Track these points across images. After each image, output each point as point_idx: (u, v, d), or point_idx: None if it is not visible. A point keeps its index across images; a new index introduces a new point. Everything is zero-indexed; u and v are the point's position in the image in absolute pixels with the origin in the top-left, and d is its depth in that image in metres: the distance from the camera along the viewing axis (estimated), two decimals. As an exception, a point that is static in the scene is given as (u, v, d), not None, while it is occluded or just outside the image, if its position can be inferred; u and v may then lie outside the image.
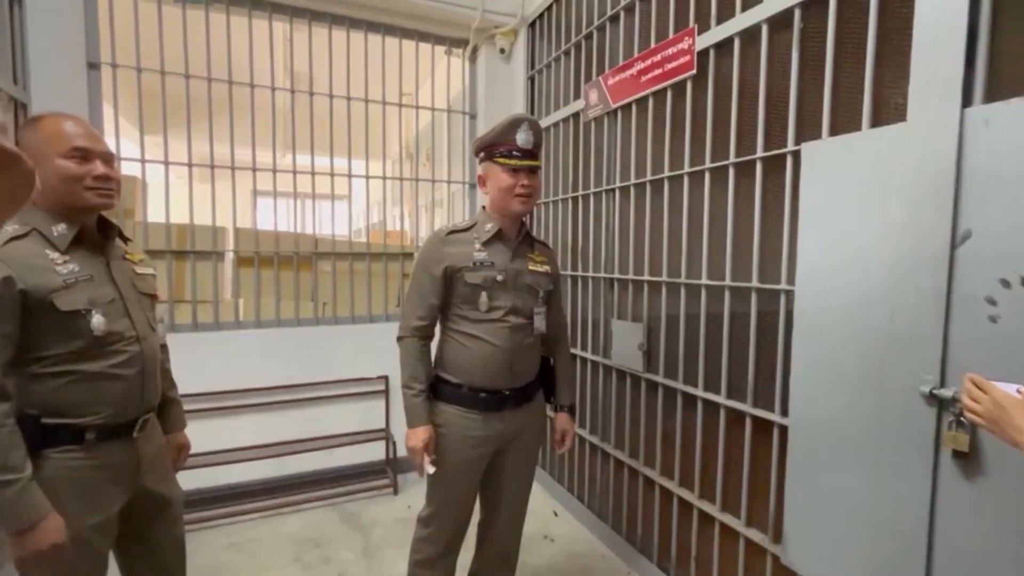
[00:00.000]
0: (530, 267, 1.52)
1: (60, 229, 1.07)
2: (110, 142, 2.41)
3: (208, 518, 2.41)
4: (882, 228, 1.20)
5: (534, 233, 1.78)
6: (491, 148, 1.47)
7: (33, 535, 0.98)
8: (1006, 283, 1.00)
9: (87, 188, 1.07)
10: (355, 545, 2.29)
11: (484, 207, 1.55)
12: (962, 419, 1.05)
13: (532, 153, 1.46)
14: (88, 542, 1.09)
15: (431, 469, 1.46)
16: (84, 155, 1.07)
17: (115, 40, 2.40)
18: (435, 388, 1.51)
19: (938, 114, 1.09)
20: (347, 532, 2.40)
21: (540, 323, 1.53)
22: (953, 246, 1.08)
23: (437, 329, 1.53)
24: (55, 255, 1.05)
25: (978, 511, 1.06)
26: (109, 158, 1.12)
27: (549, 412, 1.71)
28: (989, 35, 1.05)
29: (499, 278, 1.45)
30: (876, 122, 1.25)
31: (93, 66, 2.38)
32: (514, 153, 1.43)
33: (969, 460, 1.06)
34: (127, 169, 2.52)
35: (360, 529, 2.42)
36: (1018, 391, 0.81)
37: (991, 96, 1.05)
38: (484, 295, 1.44)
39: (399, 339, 1.50)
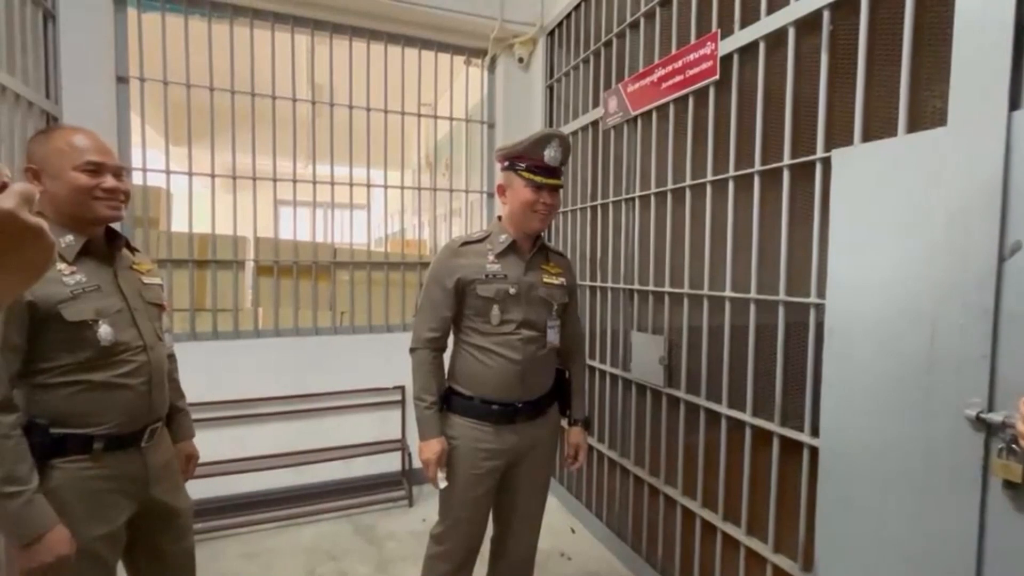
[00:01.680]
0: (544, 279, 1.50)
1: (68, 240, 1.08)
2: (137, 153, 2.50)
3: (223, 527, 2.41)
4: (921, 240, 1.12)
5: (552, 243, 1.76)
6: (516, 159, 1.44)
7: (39, 547, 0.97)
8: (1062, 299, 0.92)
9: (96, 199, 1.08)
10: (369, 558, 2.26)
11: (500, 217, 1.53)
12: (1014, 446, 0.97)
13: (557, 171, 1.44)
14: (96, 553, 1.09)
15: (443, 483, 1.45)
16: (96, 168, 1.08)
17: (143, 54, 2.47)
18: (447, 400, 1.49)
19: (982, 118, 1.02)
20: (361, 545, 2.37)
21: (554, 336, 1.50)
22: (1001, 259, 1.00)
23: (450, 340, 1.51)
24: (62, 266, 1.06)
25: (1033, 548, 0.97)
26: (119, 172, 1.13)
27: (563, 425, 1.66)
28: (1039, 33, 0.98)
29: (512, 291, 1.43)
30: (913, 127, 1.18)
31: (122, 80, 2.44)
32: (539, 169, 1.41)
33: (1022, 491, 0.97)
34: (153, 180, 2.57)
35: (374, 542, 2.39)
36: None
37: (1042, 98, 0.98)
38: (496, 308, 1.42)
39: (411, 351, 1.49)
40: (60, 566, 0.99)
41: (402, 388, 2.85)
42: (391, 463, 2.86)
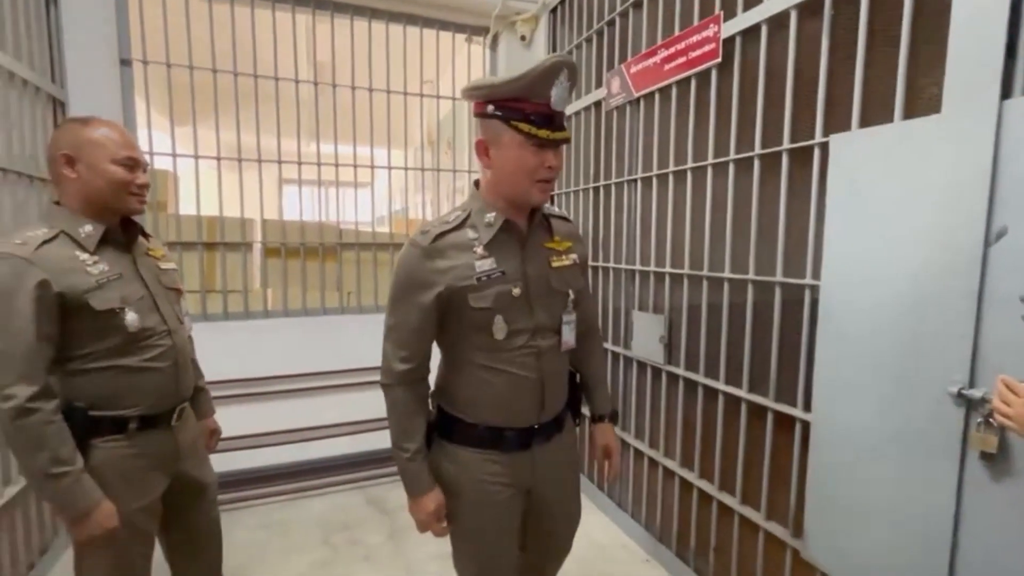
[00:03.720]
0: (554, 263, 1.14)
1: (87, 230, 1.12)
2: (143, 136, 2.51)
3: (240, 499, 2.52)
4: (913, 224, 1.17)
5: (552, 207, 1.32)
6: (508, 104, 1.01)
7: (88, 522, 1.05)
8: (1042, 283, 0.97)
9: (131, 194, 1.13)
10: (381, 528, 2.37)
11: (476, 184, 1.14)
12: (991, 420, 1.03)
13: (561, 120, 1.04)
14: (137, 524, 1.17)
15: (443, 533, 1.16)
16: (133, 164, 1.14)
17: (145, 37, 2.46)
18: (440, 425, 1.16)
19: (975, 105, 1.05)
20: (373, 515, 2.48)
21: (569, 335, 1.17)
22: (987, 244, 1.05)
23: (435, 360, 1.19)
24: (84, 256, 1.10)
25: (1005, 513, 1.04)
26: (146, 167, 1.18)
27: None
28: (1033, 22, 1.01)
29: (516, 292, 1.07)
30: (909, 114, 1.20)
31: (125, 63, 2.44)
32: (542, 119, 1.00)
33: (997, 462, 1.04)
34: (159, 163, 2.60)
35: (386, 513, 2.50)
36: None
37: (1033, 87, 1.01)
38: (499, 319, 1.06)
39: (382, 386, 1.15)
40: (109, 537, 1.07)
41: (409, 366, 2.93)
42: (399, 438, 2.96)
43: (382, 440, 2.88)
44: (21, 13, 1.97)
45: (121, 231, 1.20)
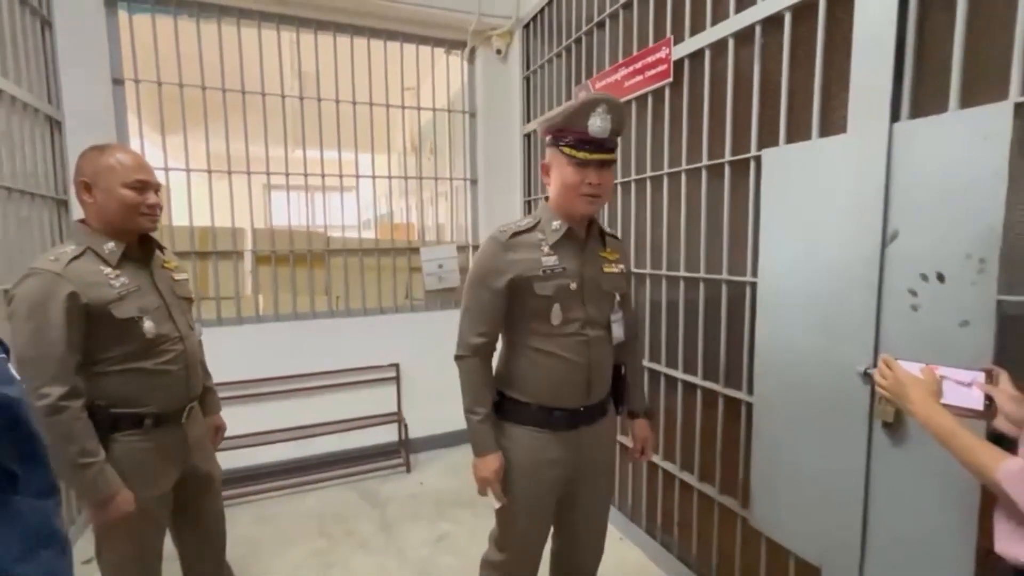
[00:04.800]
0: (605, 269, 1.33)
1: (110, 247, 1.25)
2: (135, 149, 2.62)
3: (236, 496, 2.65)
4: (828, 228, 1.35)
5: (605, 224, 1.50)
6: (558, 133, 1.23)
7: (109, 507, 1.19)
8: (925, 277, 1.16)
9: (141, 215, 1.26)
10: (373, 519, 2.52)
11: (547, 199, 1.34)
12: (889, 394, 1.22)
13: (607, 143, 1.21)
14: (150, 511, 1.30)
15: (502, 501, 1.31)
16: (143, 186, 1.26)
17: (136, 56, 2.58)
18: (499, 406, 1.34)
19: (871, 127, 1.24)
20: (365, 507, 2.62)
21: (619, 331, 1.35)
22: (884, 245, 1.23)
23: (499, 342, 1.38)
24: (108, 270, 1.23)
25: (902, 470, 1.23)
26: (158, 188, 1.31)
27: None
28: (915, 55, 1.19)
29: (573, 286, 1.26)
30: (824, 132, 1.39)
31: (117, 82, 2.56)
32: (583, 144, 1.20)
33: (895, 429, 1.23)
34: (152, 177, 2.71)
35: (377, 505, 2.65)
36: (920, 370, 0.97)
37: (916, 111, 1.19)
38: (557, 307, 1.25)
39: (457, 358, 1.32)
40: (126, 522, 1.21)
41: (396, 365, 3.08)
42: (389, 434, 3.11)
43: (371, 437, 3.06)
44: (20, 39, 2.09)
45: (139, 247, 1.33)
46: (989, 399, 0.90)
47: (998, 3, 1.06)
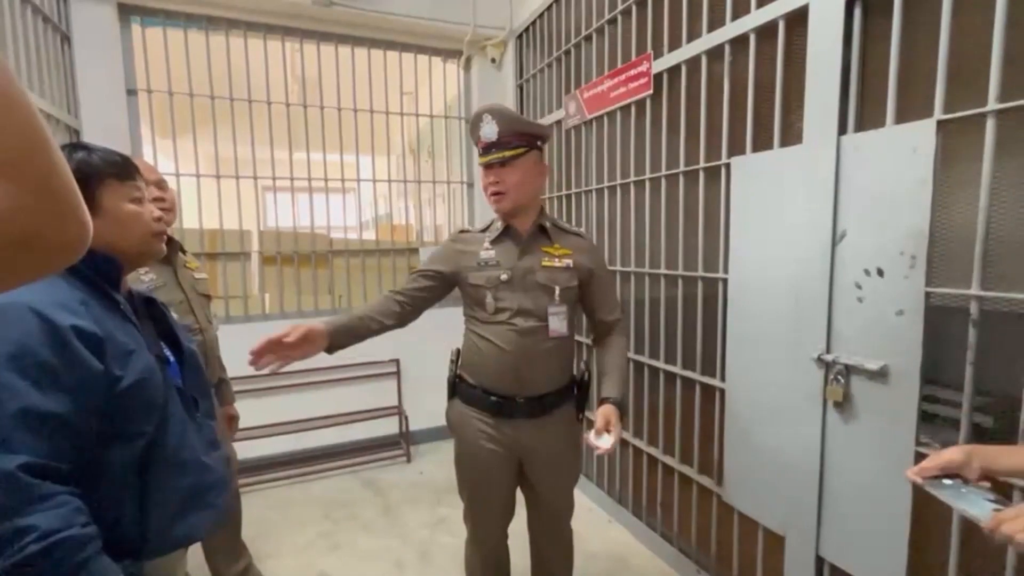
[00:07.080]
0: (544, 263, 1.40)
1: None
2: (148, 157, 2.76)
3: (246, 484, 2.79)
4: (787, 228, 1.50)
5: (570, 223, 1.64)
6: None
7: None
8: (867, 272, 1.31)
9: (155, 219, 1.40)
10: (376, 505, 2.66)
11: None
12: (839, 378, 1.37)
13: (497, 145, 1.33)
14: None
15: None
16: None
17: (149, 68, 2.72)
18: (456, 387, 1.51)
19: (822, 139, 1.39)
20: (368, 494, 2.77)
21: (558, 324, 1.39)
22: (834, 244, 1.38)
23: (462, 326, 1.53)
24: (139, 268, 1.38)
25: (851, 444, 1.38)
26: (163, 184, 1.44)
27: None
28: (859, 75, 1.34)
29: (503, 277, 1.37)
30: (783, 143, 1.54)
31: (131, 92, 2.70)
32: (481, 149, 1.37)
33: (844, 408, 1.38)
34: (163, 182, 2.85)
35: (380, 492, 2.79)
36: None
37: (861, 126, 1.34)
38: (489, 296, 1.38)
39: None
40: None
41: (397, 361, 3.22)
42: (390, 427, 3.25)
43: (374, 429, 3.20)
44: (43, 54, 2.23)
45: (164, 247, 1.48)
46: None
47: (927, 33, 1.21)
